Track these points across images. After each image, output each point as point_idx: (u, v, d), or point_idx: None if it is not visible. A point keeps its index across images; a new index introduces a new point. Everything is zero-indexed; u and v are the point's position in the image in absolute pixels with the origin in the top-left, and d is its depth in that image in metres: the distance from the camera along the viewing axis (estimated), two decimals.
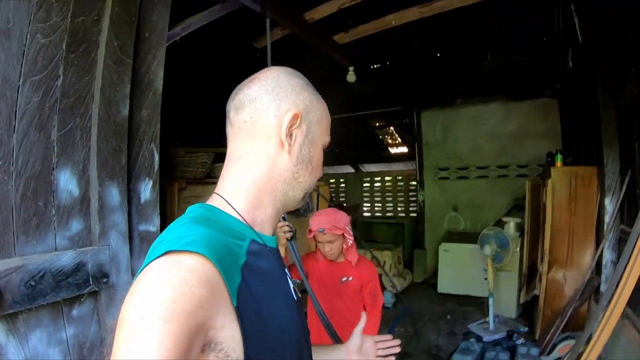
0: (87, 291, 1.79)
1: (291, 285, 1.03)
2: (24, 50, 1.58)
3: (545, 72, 6.24)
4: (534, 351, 3.93)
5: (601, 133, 4.21)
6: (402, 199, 9.97)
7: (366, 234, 9.20)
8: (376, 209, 10.34)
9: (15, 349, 1.53)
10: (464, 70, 6.62)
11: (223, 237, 0.81)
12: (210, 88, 5.31)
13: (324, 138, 1.03)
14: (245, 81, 0.98)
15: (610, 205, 4.14)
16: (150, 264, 0.73)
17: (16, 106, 1.57)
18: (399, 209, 10.03)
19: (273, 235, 1.00)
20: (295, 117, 0.93)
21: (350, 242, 2.62)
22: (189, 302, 0.67)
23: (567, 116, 6.61)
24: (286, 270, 1.05)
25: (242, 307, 0.76)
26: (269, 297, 0.86)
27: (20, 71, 1.57)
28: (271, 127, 0.92)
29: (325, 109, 1.03)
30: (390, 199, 10.16)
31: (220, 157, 4.71)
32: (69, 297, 1.70)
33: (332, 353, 1.38)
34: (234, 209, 0.91)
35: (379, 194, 10.30)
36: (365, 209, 10.48)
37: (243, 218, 0.91)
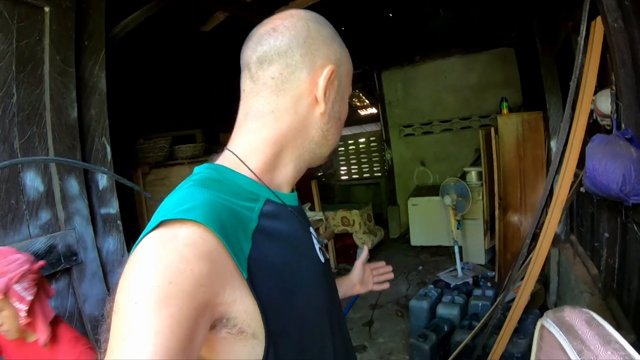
0: (60, 269, 2.12)
1: (317, 246, 0.95)
2: None
3: (501, 22, 6.30)
4: (489, 292, 4.12)
5: (542, 78, 4.37)
6: (376, 158, 10.13)
7: (346, 196, 9.45)
8: (353, 171, 10.49)
9: None
10: (419, 28, 6.67)
11: (230, 201, 0.74)
12: (163, 75, 5.42)
13: (349, 89, 0.96)
14: (265, 28, 0.86)
15: (556, 147, 4.30)
16: (145, 237, 0.65)
17: None
18: (374, 168, 10.20)
19: (293, 191, 0.94)
20: (332, 73, 0.85)
21: (24, 314, 1.51)
22: (187, 282, 0.59)
23: (523, 64, 6.74)
24: (311, 229, 0.97)
25: (255, 278, 0.68)
26: (290, 263, 0.79)
27: None
28: (304, 84, 0.85)
29: (350, 58, 0.94)
30: (365, 160, 10.30)
31: (184, 139, 4.95)
32: (45, 274, 1.93)
33: (338, 288, 1.30)
34: (247, 167, 0.83)
35: (354, 156, 10.42)
36: (342, 172, 10.61)
37: (258, 177, 0.83)
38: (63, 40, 2.21)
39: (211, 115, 6.00)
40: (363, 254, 1.56)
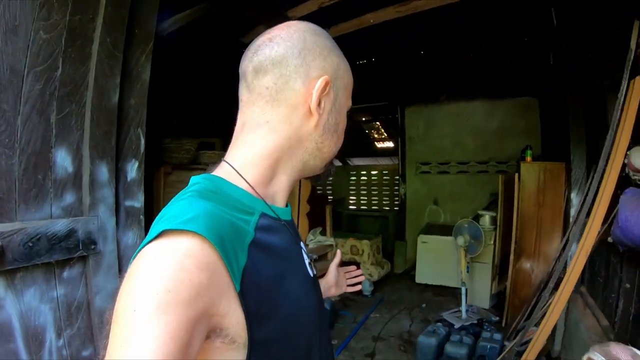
0: (77, 255, 2.00)
1: (306, 261, 0.96)
2: (29, 45, 1.80)
3: (527, 72, 6.36)
4: (497, 336, 4.11)
5: (569, 129, 4.43)
6: (387, 192, 10.15)
7: (352, 225, 9.42)
8: (362, 201, 10.51)
9: (13, 302, 1.73)
10: (448, 68, 6.77)
11: (228, 213, 0.75)
12: (198, 82, 5.50)
13: (348, 103, 0.96)
14: (262, 39, 0.87)
15: (576, 199, 4.33)
16: (145, 247, 0.67)
17: (21, 93, 1.79)
18: (384, 202, 10.21)
19: (287, 206, 0.94)
20: (326, 84, 0.85)
21: None
22: (185, 291, 0.61)
23: (546, 114, 6.84)
24: (302, 244, 0.98)
25: (246, 291, 0.69)
26: (280, 277, 0.79)
27: (25, 63, 1.79)
28: (298, 95, 0.85)
29: (350, 71, 0.94)
30: (375, 192, 10.32)
31: (204, 146, 4.95)
32: (61, 259, 1.90)
33: None
34: (244, 180, 0.84)
35: (364, 187, 10.45)
36: (351, 201, 10.63)
37: (254, 190, 0.84)
38: (115, 23, 2.18)
39: (231, 126, 5.91)
40: (337, 257, 1.60)
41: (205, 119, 5.75)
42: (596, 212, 2.94)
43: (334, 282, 1.53)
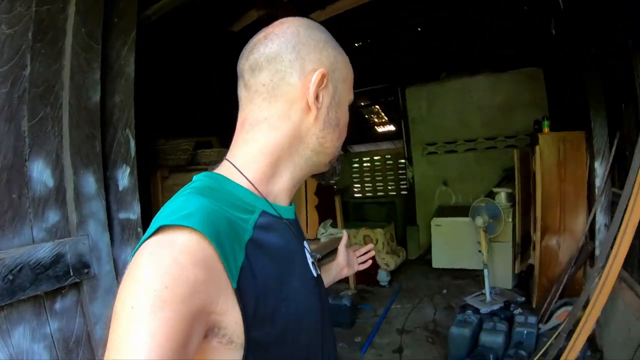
0: (68, 283, 1.75)
1: (309, 260, 0.96)
2: None
3: (529, 42, 6.20)
4: (532, 319, 3.92)
5: (587, 97, 4.20)
6: (391, 177, 9.90)
7: (358, 214, 9.20)
8: (367, 189, 10.27)
9: None
10: (447, 44, 6.56)
11: (226, 210, 0.74)
12: (187, 76, 5.22)
13: (349, 96, 0.95)
14: (258, 37, 0.88)
15: (600, 169, 4.14)
16: (144, 243, 0.67)
17: None
18: (389, 187, 9.97)
19: (291, 205, 0.93)
20: (322, 77, 0.85)
21: None
22: (182, 287, 0.61)
23: (552, 84, 6.65)
24: (305, 243, 0.98)
25: (243, 288, 0.69)
26: (280, 276, 0.79)
27: None
28: (295, 90, 0.85)
29: (349, 63, 0.94)
30: (380, 178, 10.08)
31: (201, 145, 4.66)
32: (50, 290, 1.65)
33: (328, 274, 1.45)
34: (245, 177, 0.84)
35: (368, 174, 10.21)
36: (355, 189, 10.39)
37: (255, 188, 0.84)
38: (91, 11, 1.91)
39: (229, 122, 5.64)
40: (344, 238, 1.61)
41: (200, 116, 5.46)
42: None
43: (345, 263, 1.55)
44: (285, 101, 0.85)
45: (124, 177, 2.16)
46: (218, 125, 5.39)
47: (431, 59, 7.22)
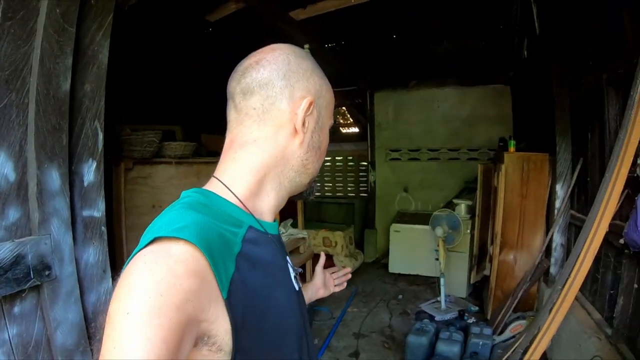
0: (28, 286, 1.62)
1: (292, 274, 1.00)
2: None
3: (500, 59, 6.36)
4: (487, 331, 4.02)
5: (555, 121, 4.35)
6: (352, 179, 10.00)
7: (316, 213, 9.23)
8: (326, 188, 10.32)
9: None
10: (419, 53, 6.65)
11: (217, 224, 0.77)
12: (160, 63, 5.10)
13: (330, 120, 1.00)
14: (249, 61, 0.91)
15: (561, 191, 4.30)
16: (138, 253, 0.69)
17: None
18: (349, 188, 10.06)
19: (275, 221, 0.96)
20: (310, 104, 0.89)
21: None
22: (176, 295, 0.63)
23: (518, 103, 6.85)
24: (288, 258, 1.02)
25: (233, 299, 0.72)
26: (266, 288, 0.82)
27: None
28: (284, 115, 0.88)
29: (331, 90, 0.99)
30: (340, 178, 10.15)
31: (169, 136, 4.55)
32: (8, 294, 1.55)
33: (304, 294, 1.40)
34: (233, 194, 0.87)
35: (329, 173, 10.24)
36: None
37: (243, 204, 0.87)
38: None
39: (194, 112, 5.58)
40: (321, 259, 1.65)
41: (166, 103, 5.32)
42: (603, 212, 2.82)
43: (322, 284, 1.59)
44: (274, 125, 0.89)
45: (90, 172, 2.00)
46: (182, 113, 5.28)
47: (402, 67, 7.30)
